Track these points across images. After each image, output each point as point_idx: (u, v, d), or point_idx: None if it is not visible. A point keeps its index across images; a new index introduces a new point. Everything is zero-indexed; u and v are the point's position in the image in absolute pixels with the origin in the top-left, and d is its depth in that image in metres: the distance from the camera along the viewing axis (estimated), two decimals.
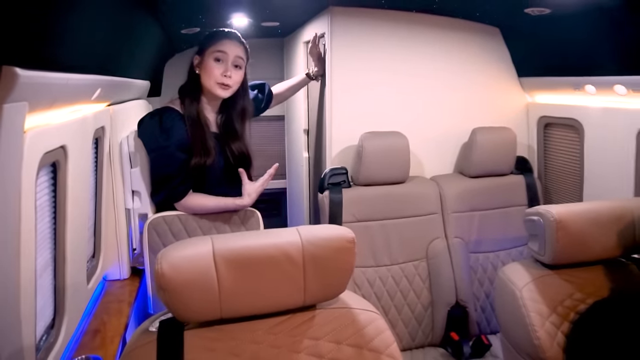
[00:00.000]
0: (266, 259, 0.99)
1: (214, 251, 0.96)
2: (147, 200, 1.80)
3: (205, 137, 1.69)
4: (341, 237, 1.03)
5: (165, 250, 0.96)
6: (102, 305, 1.69)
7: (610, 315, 1.21)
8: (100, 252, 1.77)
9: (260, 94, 2.13)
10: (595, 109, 1.92)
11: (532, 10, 1.77)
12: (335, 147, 2.17)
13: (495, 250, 2.16)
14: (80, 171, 1.35)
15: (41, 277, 1.17)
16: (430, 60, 2.23)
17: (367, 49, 2.16)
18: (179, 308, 0.95)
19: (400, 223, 2.03)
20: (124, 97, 2.00)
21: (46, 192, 1.20)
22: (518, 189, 2.20)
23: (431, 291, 2.03)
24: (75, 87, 1.14)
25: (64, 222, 1.26)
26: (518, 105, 2.36)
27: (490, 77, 2.31)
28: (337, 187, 2.00)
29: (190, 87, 1.74)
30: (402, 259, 2.03)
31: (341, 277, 1.05)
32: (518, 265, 1.47)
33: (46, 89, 0.95)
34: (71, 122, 1.23)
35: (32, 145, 0.95)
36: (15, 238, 0.92)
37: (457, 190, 2.12)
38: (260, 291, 1.00)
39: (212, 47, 1.69)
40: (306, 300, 1.04)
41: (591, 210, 1.39)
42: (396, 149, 2.02)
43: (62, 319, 1.30)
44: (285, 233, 1.03)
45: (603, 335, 1.17)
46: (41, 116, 1.02)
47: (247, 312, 1.01)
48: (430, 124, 2.27)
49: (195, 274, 0.94)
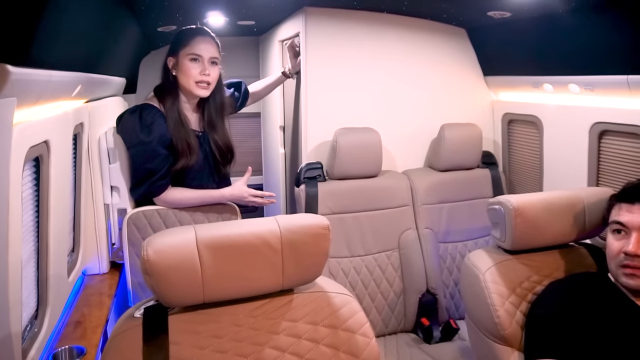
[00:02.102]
0: (246, 245, 1.05)
1: (197, 238, 1.02)
2: (126, 196, 1.83)
3: (189, 137, 1.73)
4: (316, 225, 1.11)
5: (151, 237, 1.01)
6: (83, 298, 1.72)
7: (563, 294, 1.32)
8: (79, 246, 1.79)
9: (236, 92, 2.18)
10: (553, 106, 2.05)
11: (494, 13, 1.88)
12: (311, 143, 2.25)
13: (463, 240, 2.27)
14: (61, 166, 1.38)
15: (25, 268, 1.20)
16: (401, 60, 2.33)
17: (340, 48, 2.24)
18: (163, 292, 1.00)
19: (374, 215, 2.13)
20: (101, 93, 2.02)
21: (29, 186, 1.23)
22: (484, 181, 2.33)
23: (403, 280, 2.13)
24: (58, 84, 1.17)
25: (47, 216, 1.29)
26: (484, 103, 2.49)
27: (458, 75, 2.43)
28: (313, 181, 2.08)
29: (167, 88, 1.76)
30: (375, 249, 2.13)
31: (317, 262, 1.12)
32: (482, 252, 1.57)
33: (33, 85, 0.98)
34: (53, 118, 1.27)
35: (19, 139, 0.99)
36: (3, 229, 0.96)
37: (427, 183, 2.23)
38: (241, 276, 1.06)
39: (187, 49, 1.72)
40: (284, 284, 1.11)
41: (546, 199, 1.50)
42: (369, 144, 2.11)
43: (45, 310, 1.33)
44: (264, 222, 1.10)
45: (556, 312, 1.28)
46: (27, 111, 1.06)
47: (228, 296, 1.07)
48: (401, 120, 2.37)
49: (179, 260, 0.99)
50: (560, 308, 1.27)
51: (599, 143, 1.83)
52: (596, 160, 1.84)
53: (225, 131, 1.87)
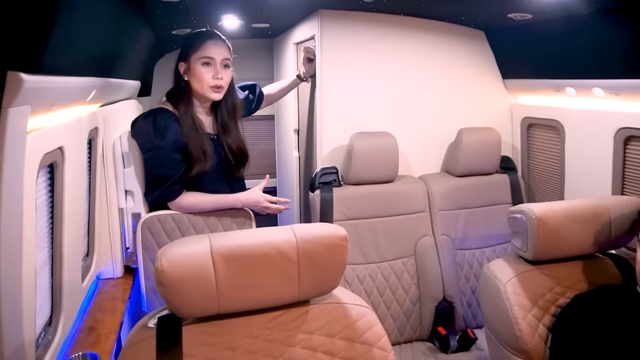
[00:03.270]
0: (262, 255, 1.03)
1: (212, 249, 1.00)
2: (140, 200, 1.82)
3: (204, 144, 1.72)
4: (334, 235, 1.08)
5: (165, 247, 0.99)
6: (96, 304, 1.71)
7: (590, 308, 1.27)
8: (94, 251, 1.79)
9: (251, 94, 2.16)
10: (575, 110, 1.99)
11: (515, 15, 1.84)
12: (326, 147, 2.22)
13: (481, 247, 2.22)
14: (76, 171, 1.38)
15: (39, 275, 1.20)
16: (418, 63, 2.29)
17: (356, 51, 2.20)
18: (177, 303, 0.98)
19: (389, 221, 2.09)
20: (116, 97, 2.02)
21: (44, 193, 1.22)
22: (502, 187, 2.27)
23: (419, 287, 2.09)
24: (72, 90, 1.16)
25: (61, 222, 1.28)
26: (502, 107, 2.43)
27: (476, 79, 2.38)
28: (328, 186, 2.05)
29: (180, 93, 1.75)
30: (390, 256, 2.09)
31: (334, 273, 1.10)
32: (502, 262, 1.53)
33: (47, 92, 0.97)
34: (68, 123, 1.26)
35: (33, 147, 0.98)
36: (17, 237, 0.95)
37: (444, 189, 2.18)
38: (256, 287, 1.04)
39: (198, 53, 1.71)
40: (300, 295, 1.08)
41: (570, 208, 1.45)
42: (385, 148, 2.08)
43: (59, 317, 1.32)
44: (280, 231, 1.07)
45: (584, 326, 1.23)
46: (41, 118, 1.05)
47: (243, 308, 1.05)
48: (418, 125, 2.33)
49: (193, 271, 0.97)
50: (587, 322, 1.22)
51: (624, 149, 1.77)
52: (621, 167, 1.78)
53: (238, 134, 1.86)
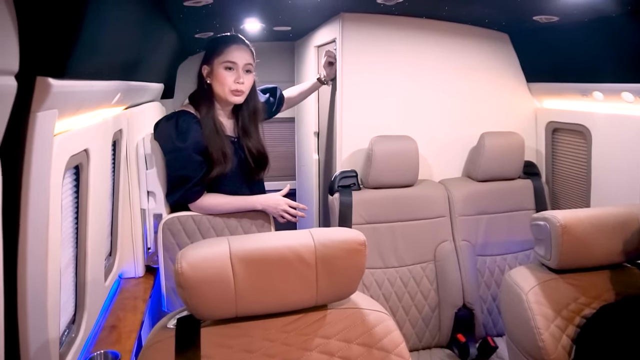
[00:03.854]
0: (280, 259, 1.03)
1: (231, 252, 1.01)
2: (162, 201, 1.85)
3: (224, 146, 1.74)
4: (352, 240, 1.07)
5: (185, 250, 1.00)
6: (118, 302, 1.75)
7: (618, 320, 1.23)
8: (116, 250, 1.82)
9: (272, 97, 2.18)
10: (603, 115, 1.94)
11: (540, 17, 1.80)
12: (346, 150, 2.21)
13: (502, 254, 2.18)
14: (100, 173, 1.41)
15: (64, 274, 1.23)
16: (440, 66, 2.27)
17: (377, 54, 2.19)
18: (196, 305, 0.99)
19: (409, 225, 2.07)
20: (139, 99, 2.06)
21: (69, 194, 1.25)
22: (526, 193, 2.23)
23: (438, 293, 2.07)
24: (98, 93, 1.19)
25: (86, 222, 1.31)
26: (526, 111, 2.38)
27: (499, 82, 2.34)
28: (347, 190, 2.04)
29: (202, 96, 1.78)
30: (410, 261, 2.07)
31: (352, 278, 1.09)
32: (524, 269, 1.50)
33: (73, 96, 1.00)
34: (93, 126, 1.29)
35: (60, 149, 1.01)
36: (43, 236, 0.97)
37: (465, 193, 2.15)
38: (274, 291, 1.04)
39: (221, 57, 1.73)
40: (318, 300, 1.08)
41: (596, 215, 1.41)
42: (405, 152, 2.06)
43: (83, 315, 1.35)
44: (299, 235, 1.07)
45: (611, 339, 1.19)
46: (67, 121, 1.08)
47: (261, 311, 1.05)
48: (439, 128, 2.30)
49: (212, 273, 0.98)
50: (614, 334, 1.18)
51: None
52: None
53: (259, 138, 1.88)
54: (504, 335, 2.14)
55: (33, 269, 0.95)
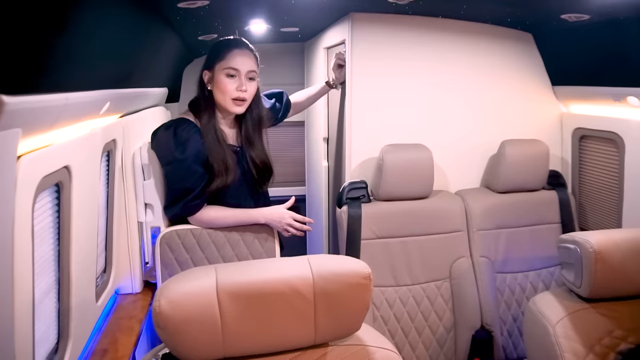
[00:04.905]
0: (274, 294, 0.91)
1: (218, 285, 0.90)
2: (159, 214, 1.76)
3: (226, 157, 1.65)
4: (356, 273, 0.95)
5: (165, 285, 0.90)
6: (113, 322, 1.65)
7: None
8: (112, 266, 1.73)
9: (278, 103, 2.07)
10: (638, 122, 1.77)
11: (569, 16, 1.64)
12: (355, 159, 2.08)
13: (524, 271, 2.03)
14: (87, 189, 1.31)
15: (42, 302, 1.13)
16: (457, 68, 2.12)
17: (389, 57, 2.06)
18: (178, 347, 0.89)
19: (423, 240, 1.93)
20: (138, 106, 1.96)
21: (50, 214, 1.15)
22: (550, 205, 2.07)
23: (454, 313, 1.92)
24: (79, 105, 1.08)
25: (69, 244, 1.21)
26: (551, 116, 2.22)
27: (522, 85, 2.18)
28: (356, 202, 1.91)
29: (203, 103, 1.68)
30: (423, 278, 1.93)
31: (356, 316, 0.97)
32: (550, 296, 1.36)
33: (44, 112, 0.89)
34: (76, 140, 1.18)
35: (27, 170, 0.90)
36: (7, 268, 0.87)
37: (483, 206, 2.00)
38: (267, 329, 0.93)
39: (222, 63, 1.63)
40: (317, 339, 0.96)
41: (635, 238, 1.26)
42: (419, 162, 1.92)
43: (67, 343, 1.25)
44: (295, 265, 0.96)
45: None
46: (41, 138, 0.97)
47: (252, 351, 0.94)
48: (455, 136, 2.15)
49: (196, 311, 0.87)
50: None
51: None
52: None
53: (263, 147, 1.77)
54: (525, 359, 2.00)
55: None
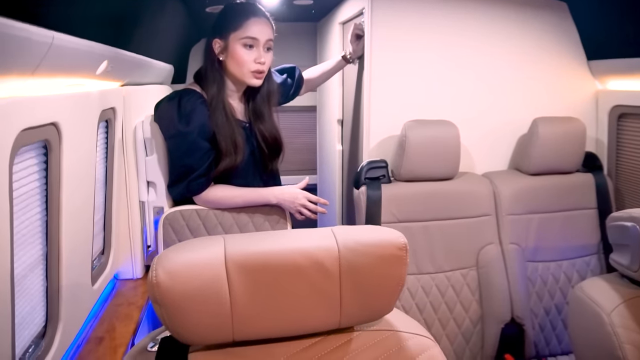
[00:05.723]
0: (292, 268, 0.76)
1: (226, 256, 0.75)
2: (163, 192, 1.63)
3: (235, 135, 1.51)
4: (390, 243, 0.80)
5: (164, 253, 0.75)
6: (111, 308, 1.52)
7: None
8: (110, 248, 1.60)
9: (289, 78, 1.92)
10: None
11: None
12: (374, 138, 1.93)
13: (557, 260, 1.86)
14: (81, 154, 1.17)
15: (26, 278, 0.99)
16: (484, 41, 1.95)
17: (412, 27, 1.90)
18: (178, 328, 0.74)
19: (448, 225, 1.77)
20: (142, 78, 1.83)
21: (37, 178, 1.02)
22: (586, 189, 1.90)
23: (481, 304, 1.77)
24: (68, 52, 0.94)
25: (58, 213, 1.08)
26: (585, 93, 2.05)
27: (554, 60, 2.01)
28: (376, 183, 1.76)
29: (212, 75, 1.53)
30: (448, 266, 1.77)
31: (389, 294, 0.82)
32: (600, 281, 1.20)
33: (19, 46, 0.75)
34: (67, 96, 1.05)
35: (3, 118, 0.76)
36: None
37: (513, 189, 1.84)
38: (284, 309, 0.78)
39: (239, 32, 1.48)
40: (342, 322, 0.81)
41: None
42: (445, 140, 1.76)
43: (56, 327, 1.12)
44: (318, 235, 0.81)
45: None
46: (20, 84, 0.83)
47: (266, 335, 0.79)
48: (482, 113, 1.99)
49: (200, 285, 0.73)
50: None
51: None
52: None
53: (272, 121, 1.63)
54: (559, 355, 1.84)
55: None
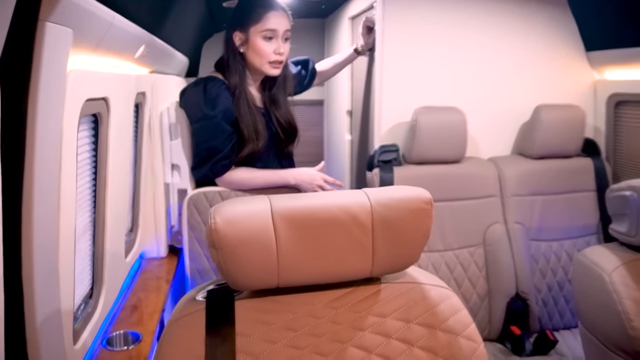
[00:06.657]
0: (331, 220, 0.86)
1: (272, 210, 0.84)
2: (186, 175, 1.71)
3: (257, 122, 1.61)
4: (417, 198, 0.90)
5: (218, 205, 0.84)
6: (140, 282, 1.61)
7: None
8: (138, 227, 1.69)
9: (304, 70, 2.02)
10: None
11: None
12: (385, 124, 2.03)
13: (559, 239, 1.96)
14: (122, 130, 1.26)
15: (79, 240, 1.08)
16: (489, 34, 2.06)
17: (420, 21, 2.00)
18: (233, 271, 0.83)
19: (456, 206, 1.87)
20: (165, 68, 1.92)
21: (86, 149, 1.11)
22: (585, 172, 2.00)
23: (488, 280, 1.87)
24: (121, 33, 1.04)
25: (105, 184, 1.16)
26: (584, 83, 2.15)
27: (553, 51, 2.11)
28: (388, 165, 1.86)
29: (232, 65, 1.61)
30: (456, 244, 1.87)
31: (416, 245, 0.91)
32: (602, 248, 1.30)
33: (91, 21, 0.85)
34: (114, 75, 1.14)
35: (75, 85, 0.85)
36: (54, 187, 0.82)
37: (518, 171, 1.94)
38: (323, 257, 0.87)
39: (259, 25, 1.57)
40: (374, 270, 0.91)
41: None
42: (453, 125, 1.86)
43: (101, 289, 1.21)
44: (351, 194, 0.91)
45: None
46: (83, 58, 0.93)
47: (306, 281, 0.88)
48: (487, 101, 2.09)
49: (252, 232, 0.82)
50: None
51: None
52: None
53: (287, 107, 1.73)
54: (561, 329, 1.94)
55: (43, 227, 0.80)
